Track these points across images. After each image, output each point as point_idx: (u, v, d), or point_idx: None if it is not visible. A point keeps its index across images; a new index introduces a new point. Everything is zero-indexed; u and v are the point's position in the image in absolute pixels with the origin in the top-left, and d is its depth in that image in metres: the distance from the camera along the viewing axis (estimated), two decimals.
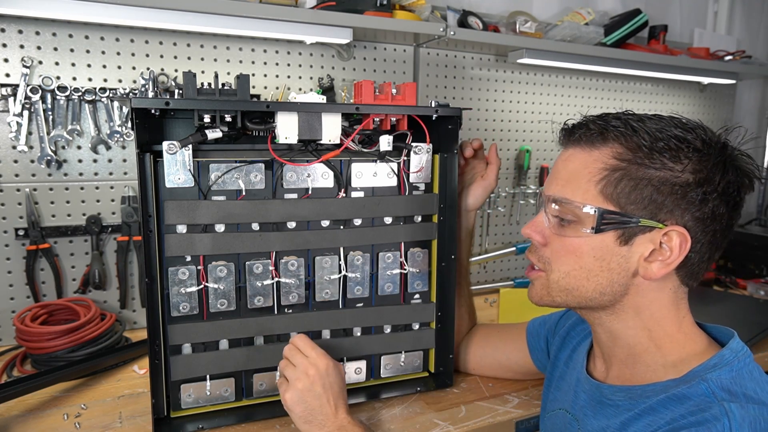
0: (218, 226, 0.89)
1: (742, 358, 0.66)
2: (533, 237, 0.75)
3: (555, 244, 0.72)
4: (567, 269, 0.71)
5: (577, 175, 0.70)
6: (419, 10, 1.42)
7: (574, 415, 0.80)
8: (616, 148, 0.67)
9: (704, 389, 0.62)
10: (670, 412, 0.63)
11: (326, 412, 0.80)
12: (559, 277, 0.72)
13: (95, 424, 0.93)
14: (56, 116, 1.23)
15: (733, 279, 1.86)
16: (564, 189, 0.71)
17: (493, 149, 1.09)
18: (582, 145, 0.71)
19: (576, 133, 0.72)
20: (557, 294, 0.73)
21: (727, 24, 2.22)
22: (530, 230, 0.75)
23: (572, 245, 0.70)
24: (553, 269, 0.73)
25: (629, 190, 0.66)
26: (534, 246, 0.77)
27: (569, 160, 0.72)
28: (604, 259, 0.69)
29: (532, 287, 0.78)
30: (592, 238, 0.68)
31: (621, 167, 0.66)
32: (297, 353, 0.85)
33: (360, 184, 0.97)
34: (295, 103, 0.89)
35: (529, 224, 0.76)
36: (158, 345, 0.89)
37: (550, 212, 0.73)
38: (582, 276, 0.70)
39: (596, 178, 0.68)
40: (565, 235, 0.71)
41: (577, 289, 0.71)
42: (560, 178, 0.72)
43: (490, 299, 1.67)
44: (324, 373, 0.82)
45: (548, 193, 0.73)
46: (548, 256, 0.74)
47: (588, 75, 1.90)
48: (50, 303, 1.23)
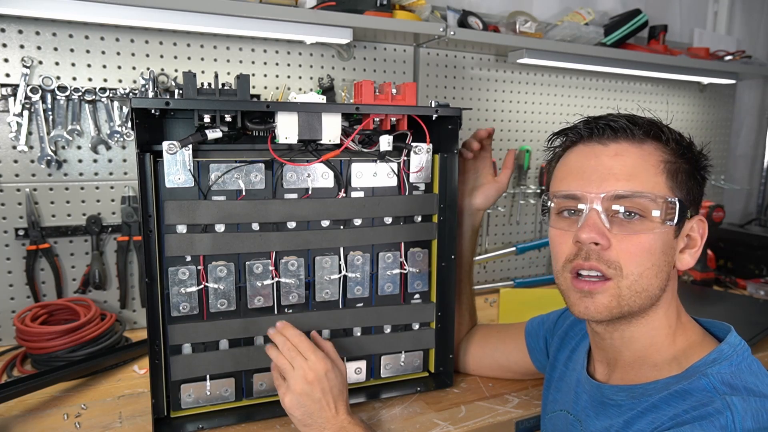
0: (218, 226, 0.89)
1: (741, 353, 0.67)
2: (599, 241, 0.67)
3: (624, 245, 0.67)
4: (641, 270, 0.67)
5: (640, 168, 0.67)
6: (419, 10, 1.42)
7: (576, 416, 0.80)
8: (662, 143, 0.69)
9: (705, 384, 0.63)
10: (673, 409, 0.64)
11: (326, 416, 0.80)
12: (633, 281, 0.67)
13: (95, 424, 0.93)
14: (56, 116, 1.23)
15: (733, 279, 1.86)
16: (632, 183, 0.66)
17: (511, 155, 1.10)
18: (631, 140, 0.69)
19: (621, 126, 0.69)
20: (629, 300, 0.67)
21: (727, 24, 2.22)
22: (594, 233, 0.66)
23: (648, 242, 0.66)
24: (625, 274, 0.67)
25: (682, 181, 0.69)
26: (593, 252, 0.68)
27: (622, 154, 0.68)
28: (667, 252, 0.68)
29: (593, 301, 0.68)
30: (664, 232, 0.67)
31: (672, 160, 0.68)
32: (297, 355, 0.83)
33: (360, 184, 0.97)
34: (295, 103, 0.89)
35: (587, 228, 0.67)
36: (158, 345, 0.89)
37: (610, 211, 0.67)
38: (652, 274, 0.67)
39: (661, 170, 0.68)
40: (637, 231, 0.66)
41: (647, 289, 0.67)
42: (619, 173, 0.67)
43: (490, 299, 1.67)
44: (323, 377, 0.81)
45: (606, 190, 0.67)
46: (616, 259, 0.67)
47: (588, 75, 1.90)
48: (50, 303, 1.23)
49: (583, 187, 0.69)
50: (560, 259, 0.72)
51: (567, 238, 0.71)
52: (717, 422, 0.58)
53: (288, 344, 0.85)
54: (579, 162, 0.71)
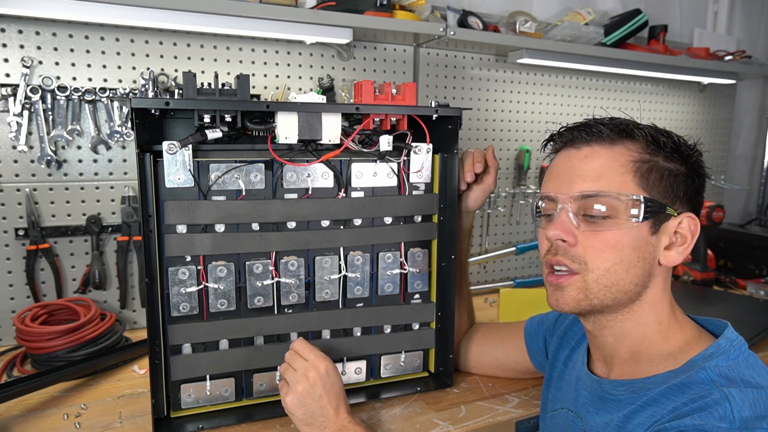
0: (218, 226, 0.89)
1: (738, 347, 0.69)
2: (565, 238, 0.72)
3: (590, 241, 0.71)
4: (607, 265, 0.70)
5: (607, 169, 0.71)
6: (419, 10, 1.42)
7: (576, 413, 0.80)
8: (638, 143, 0.72)
9: (703, 377, 0.64)
10: (672, 402, 0.65)
11: (327, 414, 0.80)
12: (599, 275, 0.71)
13: (95, 424, 0.93)
14: (56, 116, 1.23)
15: (733, 279, 1.86)
16: (597, 183, 0.71)
17: (490, 151, 1.07)
18: (601, 143, 0.73)
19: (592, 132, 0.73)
20: (596, 294, 0.71)
21: (727, 24, 2.22)
22: (559, 231, 0.72)
23: (613, 239, 0.70)
24: (590, 268, 0.71)
25: (657, 179, 0.70)
26: (561, 248, 0.73)
27: (591, 157, 0.72)
28: (641, 248, 0.71)
29: (563, 294, 0.73)
30: (632, 229, 0.70)
31: (647, 159, 0.71)
32: (297, 357, 0.85)
33: (360, 184, 0.97)
34: (295, 103, 0.89)
35: (554, 226, 0.72)
36: (158, 345, 0.89)
37: (576, 210, 0.71)
38: (622, 269, 0.70)
39: (630, 170, 0.70)
40: (603, 229, 0.70)
41: (617, 283, 0.71)
42: (586, 175, 0.72)
43: (490, 299, 1.67)
44: (324, 375, 0.82)
45: (574, 191, 0.72)
46: (582, 254, 0.71)
47: (588, 75, 1.90)
48: (50, 303, 1.23)
49: (556, 189, 0.75)
50: (541, 256, 0.78)
51: (544, 236, 0.77)
52: (716, 413, 0.59)
53: (289, 352, 0.87)
54: (556, 166, 0.77)
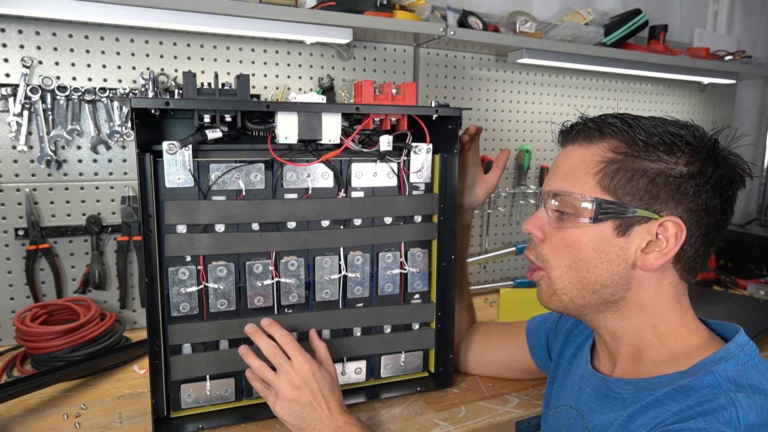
0: (218, 226, 0.89)
1: (748, 352, 0.67)
2: (533, 232, 0.76)
3: (554, 239, 0.74)
4: (567, 263, 0.72)
5: (575, 168, 0.72)
6: (419, 10, 1.42)
7: (578, 410, 0.80)
8: (613, 143, 0.71)
9: (710, 381, 0.63)
10: (677, 404, 0.64)
11: (320, 417, 0.80)
12: (561, 273, 0.73)
13: (95, 424, 0.93)
14: (56, 116, 1.23)
15: (733, 279, 1.86)
16: (563, 182, 0.73)
17: (505, 156, 1.11)
18: (580, 142, 0.74)
19: (574, 130, 0.74)
20: (563, 291, 0.74)
21: (727, 24, 2.22)
22: (530, 225, 0.76)
23: (571, 238, 0.71)
24: (552, 266, 0.74)
25: (625, 181, 0.68)
26: (532, 243, 0.77)
27: (568, 156, 0.74)
28: (603, 250, 0.70)
29: (539, 288, 0.78)
30: (590, 229, 0.70)
31: (617, 160, 0.69)
32: (284, 360, 0.83)
33: (360, 184, 0.97)
34: (295, 103, 0.89)
35: (529, 220, 0.77)
36: (158, 345, 0.89)
37: (549, 207, 0.74)
38: (582, 268, 0.71)
39: (594, 170, 0.70)
40: (564, 227, 0.72)
41: (580, 281, 0.72)
42: (559, 173, 0.74)
43: (490, 299, 1.67)
44: (310, 379, 0.81)
45: (547, 189, 0.75)
46: (546, 252, 0.75)
47: (588, 75, 1.90)
48: (50, 303, 1.23)
49: (543, 185, 0.78)
50: None
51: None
52: (721, 417, 0.58)
53: (272, 348, 0.85)
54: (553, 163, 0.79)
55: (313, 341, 0.91)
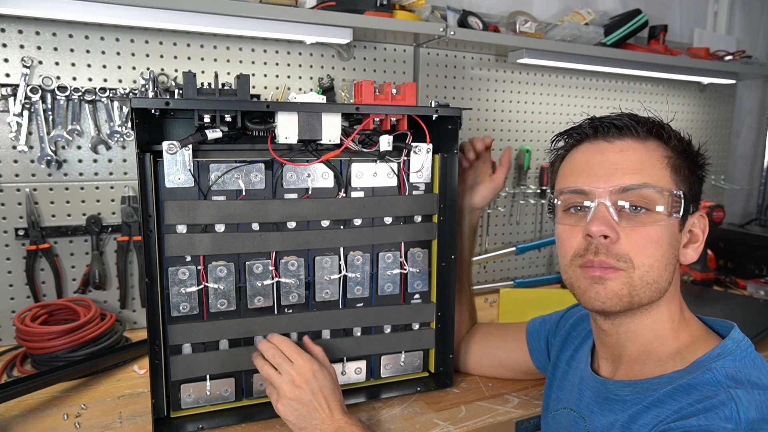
0: (218, 226, 0.89)
1: (744, 348, 0.68)
2: (608, 233, 0.68)
3: (634, 237, 0.68)
4: (651, 261, 0.68)
5: (646, 163, 0.70)
6: (419, 10, 1.42)
7: (579, 413, 0.80)
8: (664, 140, 0.71)
9: (709, 378, 0.64)
10: (677, 402, 0.64)
11: (321, 417, 0.80)
12: (644, 272, 0.68)
13: (95, 424, 0.93)
14: (56, 116, 1.23)
15: (733, 279, 1.86)
16: (639, 176, 0.68)
17: (507, 153, 1.10)
18: (634, 137, 0.72)
19: (625, 126, 0.72)
20: (639, 291, 0.69)
21: (727, 24, 2.22)
22: (603, 226, 0.68)
23: (656, 234, 0.68)
24: (636, 265, 0.68)
25: (685, 176, 0.71)
26: (602, 246, 0.69)
27: (627, 150, 0.71)
28: (674, 245, 0.70)
29: (604, 287, 0.69)
30: (670, 225, 0.69)
31: (672, 156, 0.71)
32: (284, 360, 0.84)
33: (360, 184, 0.97)
34: (295, 103, 0.89)
35: (597, 221, 0.68)
36: (158, 345, 0.89)
37: (618, 204, 0.69)
38: (662, 266, 0.69)
39: (665, 164, 0.70)
40: (645, 224, 0.68)
41: (657, 281, 0.69)
42: (626, 168, 0.69)
43: (490, 299, 1.67)
44: (311, 379, 0.82)
45: (614, 184, 0.69)
46: (626, 251, 0.68)
47: (588, 75, 1.90)
48: (50, 303, 1.23)
49: (590, 183, 0.71)
50: (568, 254, 0.73)
51: (575, 233, 0.72)
52: (722, 414, 0.59)
53: (272, 350, 0.86)
54: (585, 159, 0.73)
55: (308, 346, 0.91)
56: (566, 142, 0.78)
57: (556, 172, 0.80)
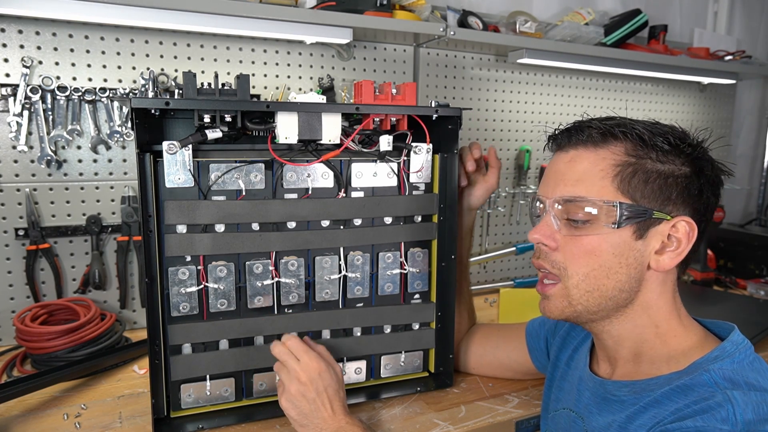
0: (218, 226, 0.89)
1: (743, 350, 0.68)
2: (544, 242, 0.73)
3: (569, 247, 0.71)
4: (586, 270, 0.70)
5: (588, 173, 0.70)
6: (419, 10, 1.42)
7: (578, 413, 0.80)
8: (624, 146, 0.70)
9: (707, 379, 0.64)
10: (675, 403, 0.65)
11: (322, 416, 0.80)
12: (579, 281, 0.71)
13: (95, 424, 0.93)
14: (56, 116, 1.23)
15: (733, 279, 1.86)
16: (576, 188, 0.70)
17: (492, 152, 1.09)
18: (586, 146, 0.72)
19: (578, 134, 0.72)
20: (578, 300, 0.71)
21: (727, 24, 2.22)
22: (539, 235, 0.73)
23: (590, 244, 0.70)
24: (570, 274, 0.71)
25: (642, 184, 0.69)
26: (542, 252, 0.74)
27: (575, 160, 0.72)
28: (623, 254, 0.69)
29: (549, 302, 0.75)
30: (611, 235, 0.69)
31: (632, 162, 0.69)
32: (290, 357, 0.85)
33: (360, 184, 0.97)
34: (295, 103, 0.89)
35: (536, 230, 0.73)
36: (158, 345, 0.89)
37: (558, 214, 0.72)
38: (602, 275, 0.70)
39: (610, 174, 0.69)
40: (581, 234, 0.70)
41: (598, 288, 0.70)
42: (568, 179, 0.71)
43: (490, 299, 1.67)
44: (316, 377, 0.82)
45: (556, 195, 0.72)
46: (562, 260, 0.72)
47: (588, 75, 1.90)
48: (50, 303, 1.23)
49: (543, 192, 0.75)
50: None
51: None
52: (718, 415, 0.59)
53: (281, 348, 0.87)
54: (548, 168, 0.77)
55: (311, 345, 0.91)
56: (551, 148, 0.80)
57: None
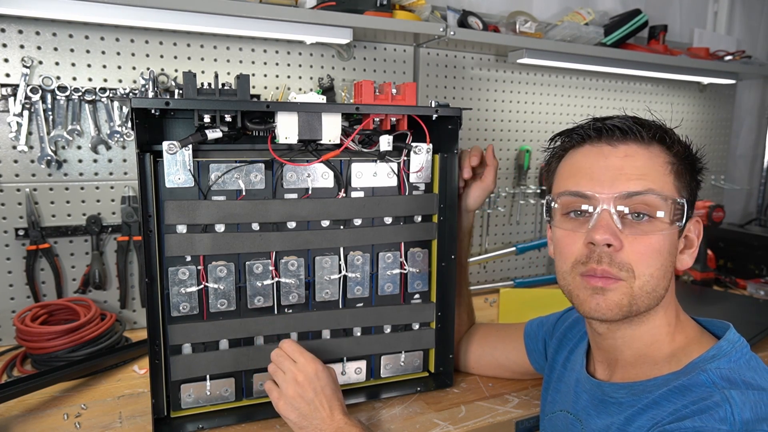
0: (218, 226, 0.89)
1: (740, 349, 0.68)
2: (613, 242, 0.66)
3: (636, 246, 0.67)
4: (652, 270, 0.67)
5: (650, 169, 0.68)
6: (419, 10, 1.42)
7: (576, 415, 0.80)
8: (665, 146, 0.70)
9: (704, 379, 0.64)
10: (673, 404, 0.64)
11: (321, 416, 0.80)
12: (645, 281, 0.67)
13: (95, 424, 0.93)
14: (56, 116, 1.23)
15: (733, 279, 1.86)
16: (644, 182, 0.67)
17: (490, 150, 1.05)
18: (638, 142, 0.70)
19: (631, 131, 0.69)
20: (639, 301, 0.68)
21: (727, 24, 2.22)
22: (608, 234, 0.66)
23: (658, 243, 0.67)
24: (637, 274, 0.67)
25: (687, 183, 0.70)
26: (605, 255, 0.67)
27: (631, 156, 0.68)
28: (673, 253, 0.69)
29: (605, 298, 0.68)
30: (671, 233, 0.68)
31: (677, 162, 0.69)
32: (285, 359, 0.85)
33: (360, 184, 0.97)
34: (295, 103, 0.89)
35: (601, 229, 0.67)
36: (158, 345, 0.89)
37: (621, 212, 0.67)
38: (662, 275, 0.68)
39: (668, 171, 0.69)
40: (647, 232, 0.67)
41: (656, 290, 0.68)
42: (630, 174, 0.67)
43: (490, 299, 1.67)
44: (313, 378, 0.82)
45: (620, 190, 0.67)
46: (627, 261, 0.67)
47: (588, 75, 1.90)
48: (50, 303, 1.23)
49: (593, 187, 0.69)
50: (568, 261, 0.71)
51: (576, 239, 0.70)
52: (716, 415, 0.59)
53: (276, 351, 0.87)
54: (587, 162, 0.71)
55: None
56: (564, 142, 0.76)
57: (554, 172, 0.78)
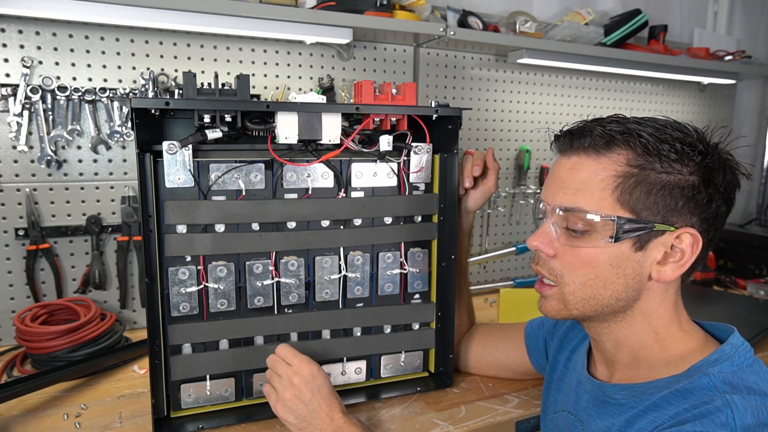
0: (218, 226, 0.89)
1: (743, 353, 0.67)
2: (543, 250, 0.72)
3: (567, 256, 0.71)
4: (582, 280, 0.70)
5: (588, 183, 0.68)
6: (419, 10, 1.42)
7: (577, 416, 0.80)
8: (626, 154, 0.67)
9: (706, 383, 0.63)
10: (674, 407, 0.64)
11: (320, 416, 0.80)
12: (575, 289, 0.71)
13: (95, 424, 0.93)
14: (56, 116, 1.23)
15: (733, 279, 1.86)
16: (575, 198, 0.69)
17: (490, 154, 1.06)
18: (588, 153, 0.69)
19: (579, 140, 0.70)
20: (574, 306, 0.72)
21: (727, 24, 2.22)
22: (538, 242, 0.72)
23: (588, 256, 0.69)
24: (566, 282, 0.71)
25: (644, 195, 0.66)
26: (541, 258, 0.74)
27: (576, 168, 0.70)
28: (620, 266, 0.68)
29: (546, 302, 0.75)
30: (609, 248, 0.67)
31: (634, 173, 0.66)
32: (280, 363, 0.85)
33: (360, 184, 0.97)
34: (295, 103, 0.89)
35: (536, 236, 0.73)
36: (158, 345, 0.89)
37: (558, 222, 0.71)
38: (598, 285, 0.70)
39: (611, 186, 0.67)
40: (579, 245, 0.69)
41: (594, 297, 0.70)
42: (568, 187, 0.70)
43: (490, 299, 1.67)
44: (309, 379, 0.82)
45: (556, 203, 0.71)
46: (559, 268, 0.72)
47: (588, 75, 1.90)
48: (50, 303, 1.23)
49: (544, 197, 0.74)
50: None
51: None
52: (717, 420, 0.58)
53: (271, 356, 0.87)
54: (550, 171, 0.76)
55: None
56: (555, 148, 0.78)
57: None
